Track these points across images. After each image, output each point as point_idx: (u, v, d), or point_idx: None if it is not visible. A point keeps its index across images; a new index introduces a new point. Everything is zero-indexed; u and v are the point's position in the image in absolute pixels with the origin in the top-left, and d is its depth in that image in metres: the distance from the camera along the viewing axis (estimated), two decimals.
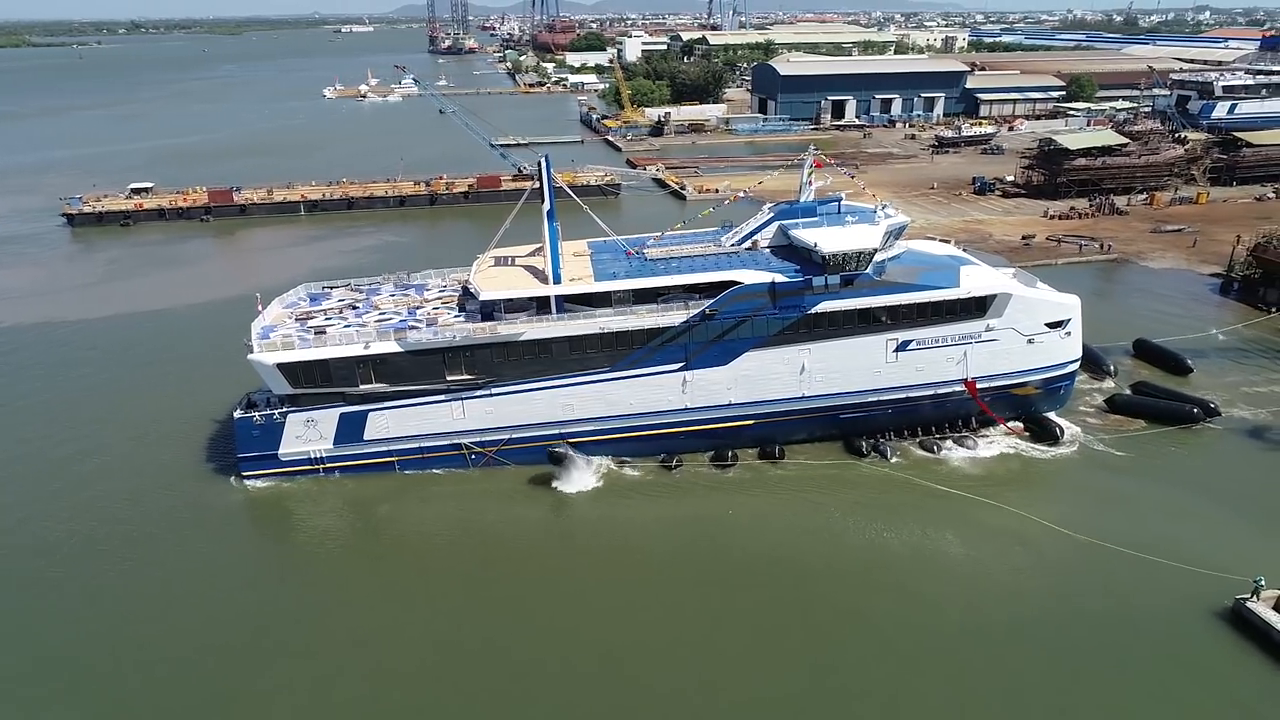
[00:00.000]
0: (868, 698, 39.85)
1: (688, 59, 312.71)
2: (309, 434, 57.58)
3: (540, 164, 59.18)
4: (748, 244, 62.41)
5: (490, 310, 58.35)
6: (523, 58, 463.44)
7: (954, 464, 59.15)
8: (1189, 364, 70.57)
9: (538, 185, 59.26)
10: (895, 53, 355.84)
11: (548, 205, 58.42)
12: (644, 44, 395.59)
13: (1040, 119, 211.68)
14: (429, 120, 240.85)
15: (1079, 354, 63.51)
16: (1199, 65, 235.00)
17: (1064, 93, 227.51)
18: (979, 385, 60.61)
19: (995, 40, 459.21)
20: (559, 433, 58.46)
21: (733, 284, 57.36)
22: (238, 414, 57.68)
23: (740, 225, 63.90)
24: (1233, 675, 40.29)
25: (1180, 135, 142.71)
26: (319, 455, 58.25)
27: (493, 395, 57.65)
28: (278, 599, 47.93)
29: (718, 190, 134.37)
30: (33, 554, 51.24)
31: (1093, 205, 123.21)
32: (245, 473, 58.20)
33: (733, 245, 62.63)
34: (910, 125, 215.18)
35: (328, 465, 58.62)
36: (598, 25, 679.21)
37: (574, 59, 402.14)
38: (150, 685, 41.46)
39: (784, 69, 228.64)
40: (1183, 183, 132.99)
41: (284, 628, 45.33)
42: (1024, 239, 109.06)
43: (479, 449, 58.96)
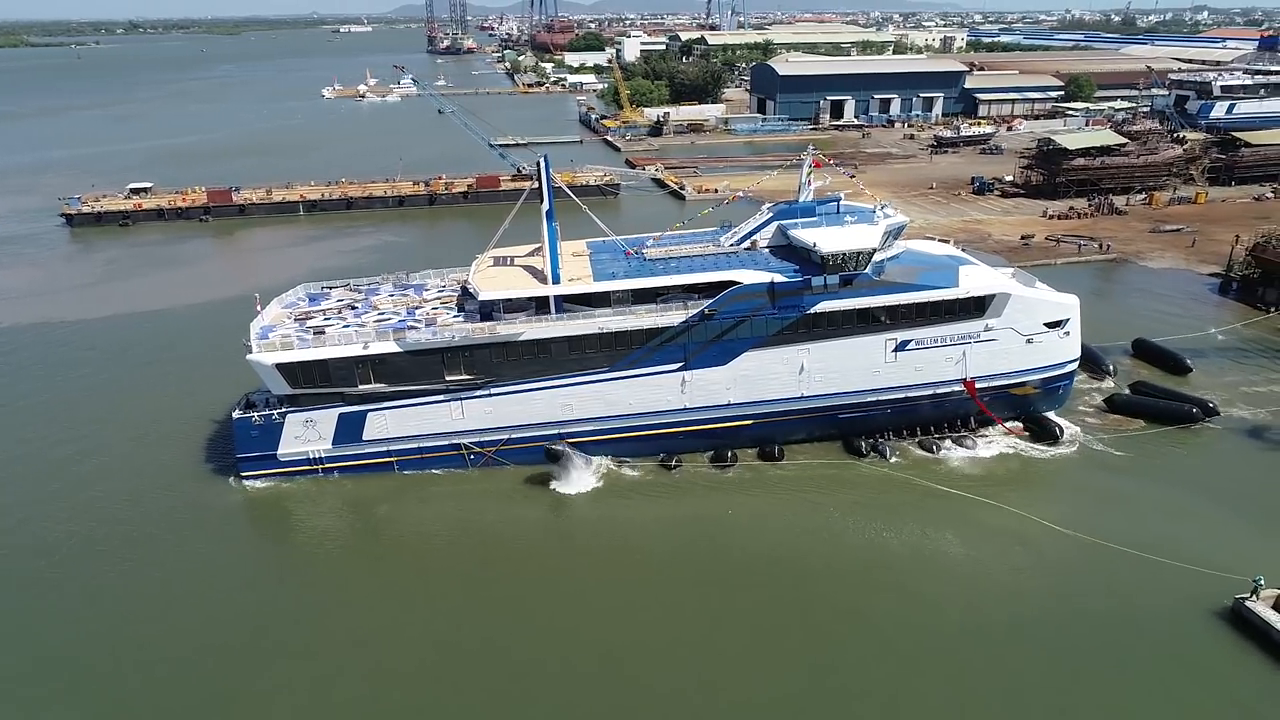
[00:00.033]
0: (868, 698, 39.87)
1: (686, 59, 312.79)
2: (308, 434, 57.57)
3: (539, 164, 59.13)
4: (747, 244, 62.47)
5: (489, 310, 58.34)
6: (521, 58, 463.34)
7: (953, 464, 59.18)
8: (1188, 364, 70.68)
9: (537, 185, 59.20)
10: (894, 53, 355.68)
11: (547, 205, 58.38)
12: (642, 44, 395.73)
13: (1039, 119, 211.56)
14: (428, 120, 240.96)
15: (1078, 354, 63.55)
16: (1197, 65, 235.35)
17: (1062, 93, 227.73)
18: (978, 385, 60.67)
19: (993, 40, 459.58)
20: (558, 433, 58.45)
21: (732, 284, 57.38)
22: (237, 414, 57.65)
23: (739, 225, 63.91)
24: (1232, 675, 40.33)
25: (1179, 135, 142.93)
26: (318, 455, 58.24)
27: (492, 395, 57.64)
28: (277, 599, 47.92)
29: (717, 190, 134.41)
30: (32, 554, 51.23)
31: (1091, 205, 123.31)
32: (244, 473, 58.20)
33: (732, 245, 62.66)
34: (909, 125, 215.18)
35: (327, 465, 58.61)
36: (596, 25, 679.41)
37: (572, 59, 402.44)
38: (150, 685, 41.45)
39: (783, 69, 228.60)
40: (1181, 183, 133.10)
41: (283, 628, 45.33)
42: (1023, 239, 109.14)
43: (478, 449, 58.95)
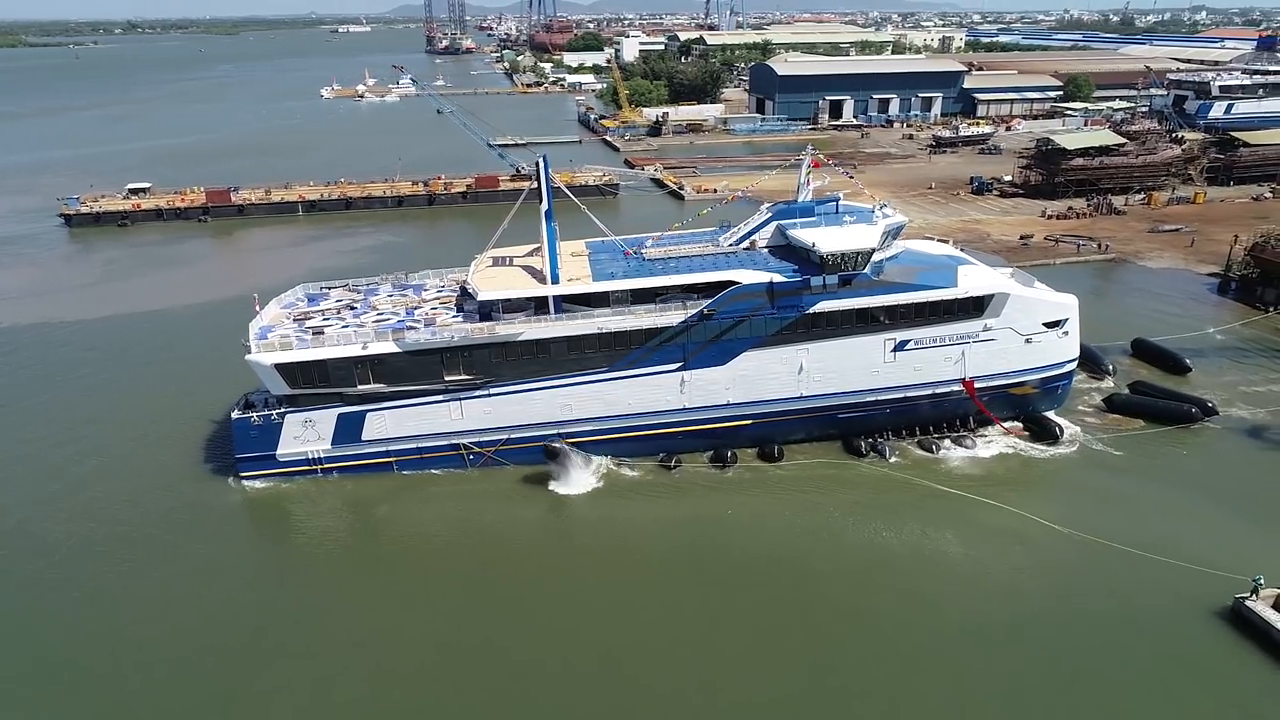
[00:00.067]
0: (868, 698, 39.87)
1: (685, 59, 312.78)
2: (307, 434, 57.53)
3: (538, 164, 59.06)
4: (746, 244, 62.45)
5: (488, 310, 58.30)
6: (520, 58, 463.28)
7: (953, 463, 59.19)
8: (1187, 363, 70.71)
9: (536, 185, 59.18)
10: (892, 53, 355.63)
11: (546, 205, 58.33)
12: (641, 44, 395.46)
13: (1038, 119, 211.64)
14: (427, 120, 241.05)
15: (1076, 353, 63.55)
16: (1196, 65, 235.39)
17: (1061, 93, 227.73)
18: (977, 385, 60.68)
19: (992, 40, 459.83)
20: (557, 433, 58.41)
21: (731, 284, 57.36)
22: (236, 414, 57.61)
23: (738, 225, 63.88)
24: (1232, 674, 40.35)
25: (1177, 135, 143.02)
26: (317, 456, 58.20)
27: (491, 395, 57.62)
28: (276, 599, 47.90)
29: (716, 190, 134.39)
30: (32, 555, 51.18)
31: (1090, 205, 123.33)
32: (243, 473, 58.15)
33: (731, 245, 62.64)
34: (908, 125, 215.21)
35: (326, 466, 58.56)
36: (595, 25, 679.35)
37: (571, 59, 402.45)
38: (150, 686, 41.42)
39: (781, 69, 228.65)
40: (1180, 182, 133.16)
41: (283, 628, 45.32)
42: (1022, 239, 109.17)
43: (477, 449, 58.93)
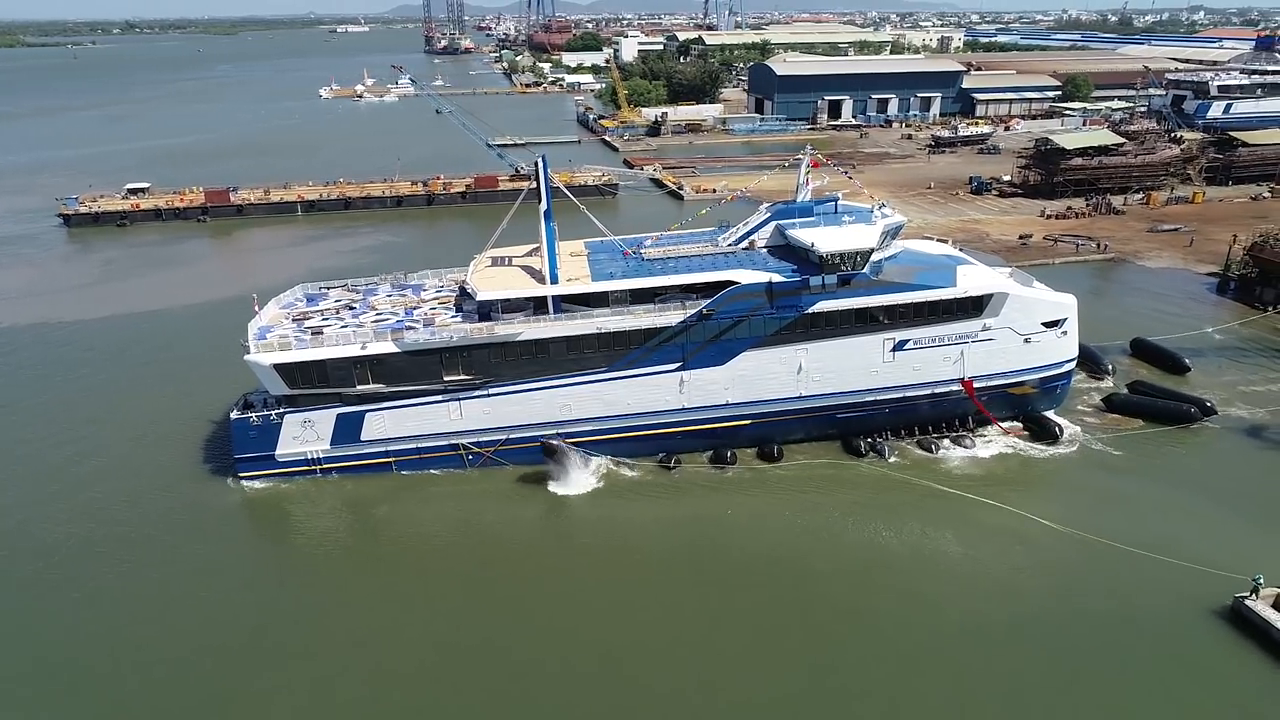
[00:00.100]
0: (868, 698, 39.87)
1: (684, 59, 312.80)
2: (306, 435, 57.48)
3: (537, 164, 59.01)
4: (745, 244, 62.45)
5: (487, 310, 58.26)
6: (519, 58, 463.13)
7: (952, 463, 59.19)
8: (1186, 363, 70.75)
9: (535, 185, 59.09)
10: (891, 53, 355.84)
11: (545, 205, 58.27)
12: (640, 44, 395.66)
13: (1036, 119, 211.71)
14: (426, 120, 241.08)
15: (1076, 353, 63.56)
16: (1194, 65, 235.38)
17: (1060, 92, 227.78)
18: (976, 384, 60.68)
19: (991, 40, 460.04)
20: (557, 433, 58.38)
21: (730, 284, 57.35)
22: (235, 415, 57.53)
23: (737, 225, 63.87)
24: (1232, 674, 40.37)
25: (1176, 135, 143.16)
26: (316, 456, 58.14)
27: (490, 395, 57.59)
28: (276, 600, 47.86)
29: (715, 190, 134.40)
30: (31, 555, 51.12)
31: (1089, 205, 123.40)
32: (242, 474, 58.10)
33: (730, 245, 62.63)
34: (907, 125, 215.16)
35: (325, 466, 58.51)
36: (594, 25, 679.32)
37: (570, 59, 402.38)
38: (149, 686, 41.38)
39: (780, 69, 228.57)
40: (1179, 182, 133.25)
41: (282, 628, 45.28)
42: (1021, 238, 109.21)
43: (476, 449, 58.90)
